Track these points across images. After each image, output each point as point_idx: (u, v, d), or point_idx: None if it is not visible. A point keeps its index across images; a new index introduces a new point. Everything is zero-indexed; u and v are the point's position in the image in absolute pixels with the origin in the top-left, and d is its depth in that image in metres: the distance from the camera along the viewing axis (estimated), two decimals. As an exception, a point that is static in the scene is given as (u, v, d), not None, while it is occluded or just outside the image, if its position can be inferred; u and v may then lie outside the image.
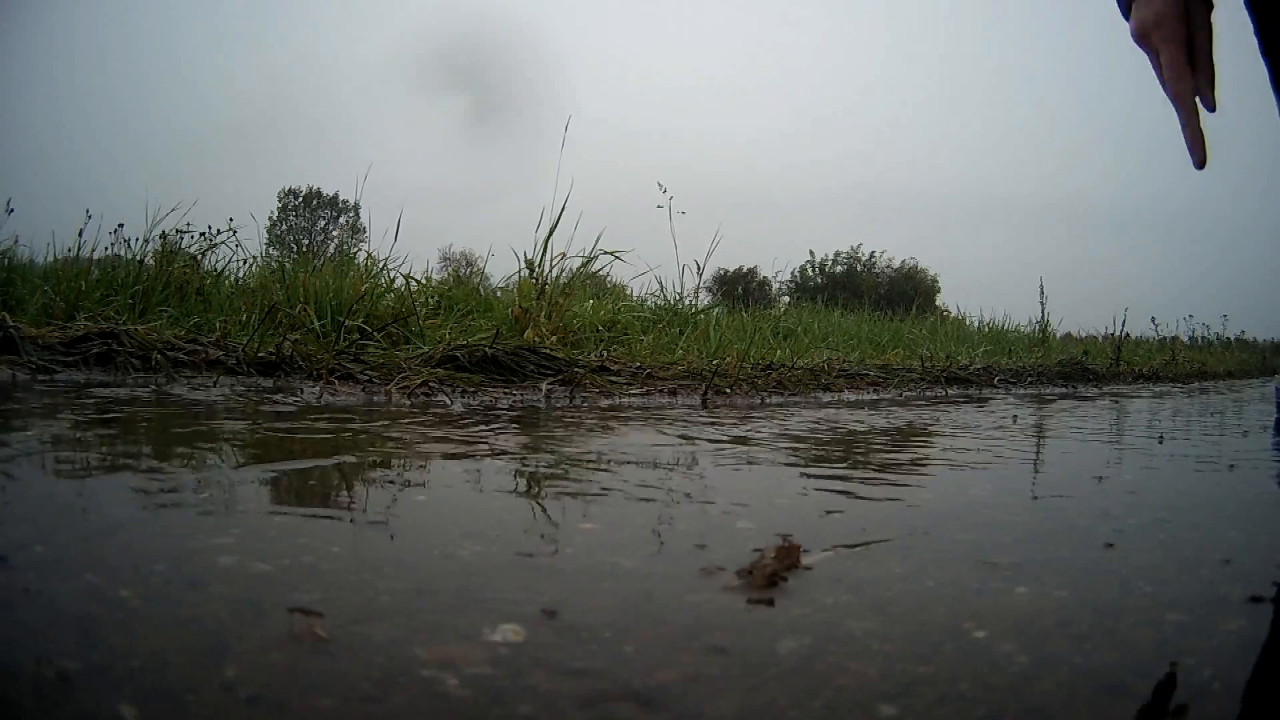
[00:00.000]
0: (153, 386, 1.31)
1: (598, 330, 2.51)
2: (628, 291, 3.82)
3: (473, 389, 1.51)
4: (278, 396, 1.28)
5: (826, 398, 1.90)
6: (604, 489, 0.61)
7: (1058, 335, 5.92)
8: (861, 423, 1.31)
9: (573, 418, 1.23)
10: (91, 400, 1.07)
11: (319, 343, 1.78)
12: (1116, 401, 2.36)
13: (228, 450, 0.75)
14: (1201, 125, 0.70)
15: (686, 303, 3.49)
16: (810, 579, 0.39)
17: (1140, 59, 0.76)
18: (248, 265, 2.82)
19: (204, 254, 2.61)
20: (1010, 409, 1.83)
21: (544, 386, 1.60)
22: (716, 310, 3.63)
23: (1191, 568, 0.46)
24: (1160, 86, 0.72)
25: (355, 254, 3.79)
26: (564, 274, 2.68)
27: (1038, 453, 1.05)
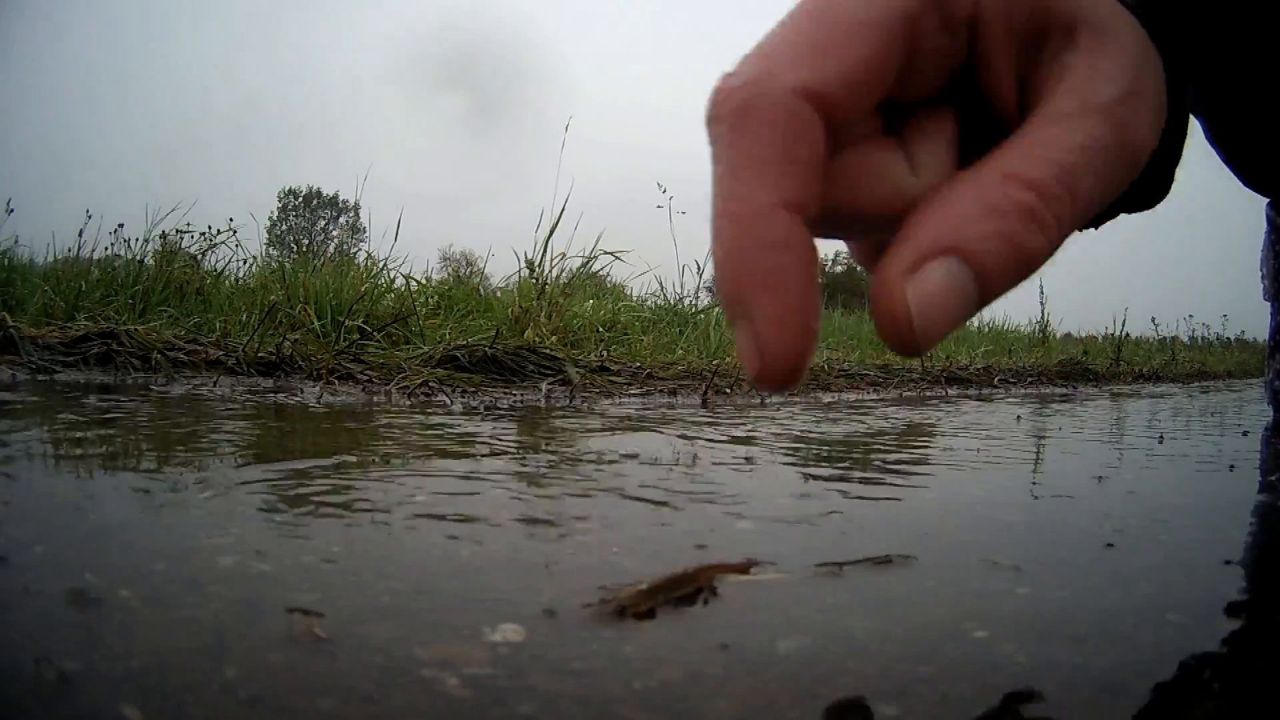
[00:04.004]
0: (153, 387, 1.31)
1: (598, 330, 2.51)
2: (627, 291, 3.82)
3: (473, 389, 1.51)
4: (278, 396, 1.28)
5: (827, 398, 1.90)
6: (604, 489, 0.61)
7: (1058, 335, 5.93)
8: (862, 422, 1.31)
9: (573, 417, 1.23)
10: (91, 400, 1.07)
11: (319, 343, 1.78)
12: (1116, 401, 2.36)
13: (227, 450, 0.75)
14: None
15: (686, 303, 3.49)
16: (810, 579, 0.39)
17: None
18: (248, 265, 2.82)
19: (204, 254, 2.61)
20: (1011, 409, 1.83)
21: (544, 386, 1.60)
22: (716, 310, 3.63)
23: (1192, 568, 0.46)
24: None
25: (355, 254, 3.79)
26: (564, 274, 2.68)
27: (1038, 452, 1.05)
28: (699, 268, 3.63)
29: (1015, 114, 0.35)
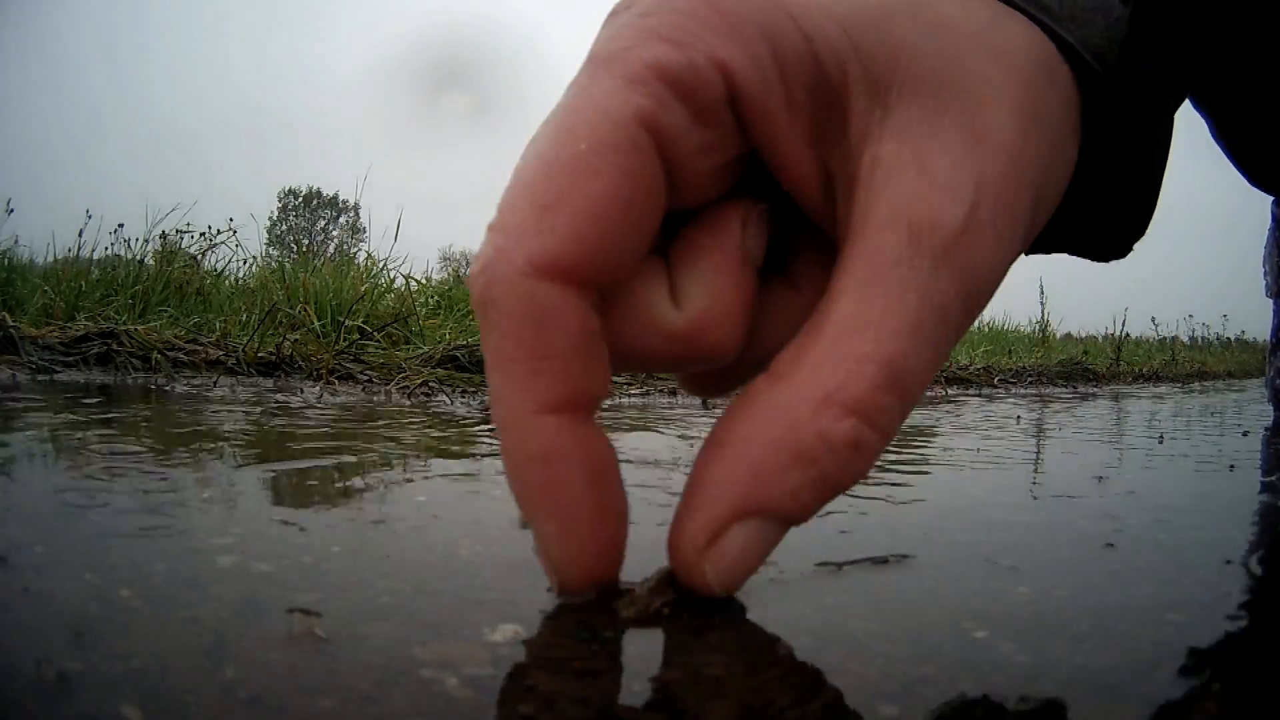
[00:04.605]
0: (153, 387, 1.31)
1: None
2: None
3: (473, 389, 1.51)
4: (278, 396, 1.28)
5: (826, 398, 1.90)
6: (604, 489, 0.61)
7: (1058, 335, 5.93)
8: (861, 423, 1.30)
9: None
10: (91, 400, 1.07)
11: (319, 343, 1.78)
12: (1117, 401, 2.36)
13: (227, 451, 0.75)
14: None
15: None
16: (810, 579, 0.39)
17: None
18: (248, 265, 2.83)
19: (204, 254, 2.62)
20: (1011, 409, 1.83)
21: (544, 386, 1.60)
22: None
23: (1192, 568, 0.46)
24: None
25: (355, 254, 3.79)
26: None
27: (1038, 452, 1.05)
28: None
29: (829, 213, 0.28)
